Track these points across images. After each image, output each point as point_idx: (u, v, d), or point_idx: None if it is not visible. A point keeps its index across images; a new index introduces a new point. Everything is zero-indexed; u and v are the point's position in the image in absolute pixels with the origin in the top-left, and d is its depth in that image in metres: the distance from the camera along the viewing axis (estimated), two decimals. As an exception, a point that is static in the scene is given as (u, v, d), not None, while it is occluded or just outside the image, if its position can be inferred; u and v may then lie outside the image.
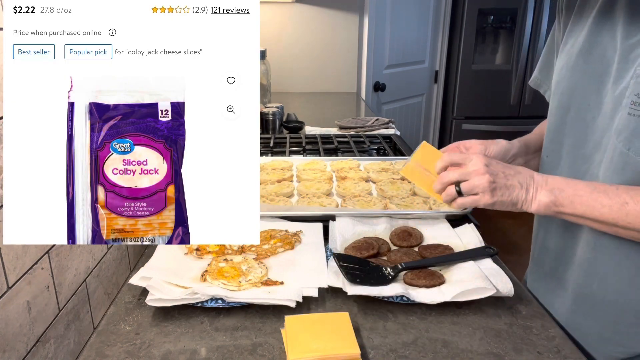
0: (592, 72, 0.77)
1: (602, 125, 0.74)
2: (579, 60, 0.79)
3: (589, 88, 0.77)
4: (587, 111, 0.77)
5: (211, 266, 0.83)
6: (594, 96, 0.76)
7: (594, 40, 0.77)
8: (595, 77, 0.76)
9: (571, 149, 0.81)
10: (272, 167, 1.33)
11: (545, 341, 0.71)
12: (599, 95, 0.75)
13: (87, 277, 0.73)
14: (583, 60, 0.78)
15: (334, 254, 0.84)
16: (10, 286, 0.55)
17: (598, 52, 0.76)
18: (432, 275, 0.81)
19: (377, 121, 1.91)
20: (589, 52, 0.77)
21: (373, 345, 0.70)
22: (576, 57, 0.79)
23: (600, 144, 0.75)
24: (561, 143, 0.83)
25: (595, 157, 0.76)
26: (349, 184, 1.22)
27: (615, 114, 0.71)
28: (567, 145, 0.81)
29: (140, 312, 0.77)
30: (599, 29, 0.76)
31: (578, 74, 0.79)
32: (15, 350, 0.56)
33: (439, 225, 1.01)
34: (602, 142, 0.74)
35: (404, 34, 3.08)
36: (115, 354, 0.68)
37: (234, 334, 0.72)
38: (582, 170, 0.78)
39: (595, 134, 0.76)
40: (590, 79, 0.77)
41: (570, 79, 0.80)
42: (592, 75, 0.76)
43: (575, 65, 0.80)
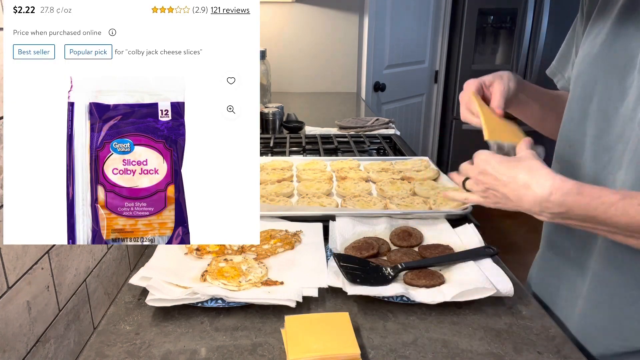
0: (615, 63, 0.76)
1: (625, 115, 0.74)
2: (603, 51, 0.78)
3: (612, 78, 0.76)
4: (609, 102, 0.76)
5: (211, 266, 0.83)
6: (616, 86, 0.75)
7: (618, 31, 0.76)
8: (619, 68, 0.75)
9: (594, 139, 0.79)
10: (272, 167, 1.33)
11: (545, 341, 0.71)
12: (622, 85, 0.74)
13: (87, 277, 0.73)
14: (606, 50, 0.77)
15: (334, 254, 0.84)
16: (10, 286, 0.55)
17: (622, 43, 0.75)
18: (432, 275, 0.81)
19: (377, 121, 1.92)
20: (612, 43, 0.77)
21: (373, 345, 0.70)
22: (599, 47, 0.79)
23: (622, 135, 0.74)
24: (584, 133, 0.81)
25: (617, 147, 0.75)
26: (349, 184, 1.22)
27: (639, 105, 0.71)
28: (590, 136, 0.80)
29: (140, 312, 0.77)
30: (624, 20, 0.75)
31: (601, 64, 0.78)
32: (15, 350, 0.56)
33: (439, 225, 1.01)
34: (625, 133, 0.73)
35: (404, 34, 3.08)
36: (115, 354, 0.68)
37: (234, 334, 0.72)
38: (604, 160, 0.77)
39: (617, 125, 0.75)
40: (613, 69, 0.76)
41: (593, 70, 0.80)
42: (615, 66, 0.76)
43: (598, 55, 0.79)
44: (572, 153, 0.85)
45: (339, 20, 2.79)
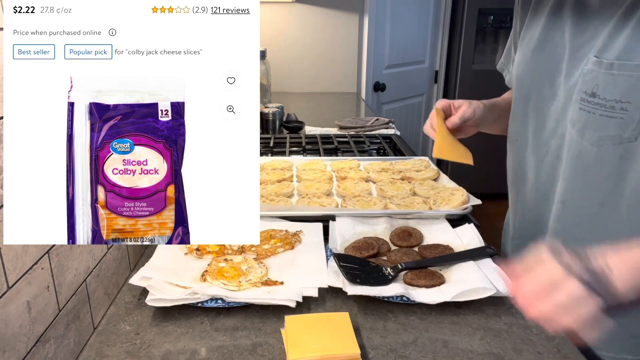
0: (545, 67, 0.86)
1: (556, 114, 0.83)
2: (534, 56, 0.89)
3: (543, 81, 0.86)
4: (543, 101, 0.87)
5: (211, 266, 0.83)
6: (547, 88, 0.85)
7: (546, 37, 0.86)
8: (548, 71, 0.85)
9: (533, 134, 0.90)
10: (272, 167, 1.32)
11: (545, 341, 0.71)
12: (552, 87, 0.84)
13: (87, 277, 0.73)
14: (537, 56, 0.88)
15: (334, 254, 0.84)
16: (10, 286, 0.55)
17: (549, 49, 0.85)
18: (432, 275, 0.81)
19: (377, 121, 1.92)
20: (541, 48, 0.87)
21: (373, 345, 0.70)
22: (531, 53, 0.89)
23: (555, 131, 0.84)
24: (526, 130, 0.92)
25: (552, 142, 0.85)
26: (349, 184, 1.22)
27: (568, 106, 0.80)
28: (530, 132, 0.91)
29: (140, 312, 0.77)
30: (550, 26, 0.85)
31: (533, 68, 0.89)
32: (15, 350, 0.56)
33: (439, 225, 1.01)
34: (558, 130, 0.83)
35: (404, 34, 3.08)
36: (115, 354, 0.68)
37: (234, 334, 0.72)
38: (543, 152, 0.88)
39: (550, 122, 0.85)
40: (544, 73, 0.86)
41: (527, 73, 0.90)
42: (546, 70, 0.86)
43: (530, 60, 0.90)
44: (518, 147, 0.95)
45: (339, 20, 2.79)
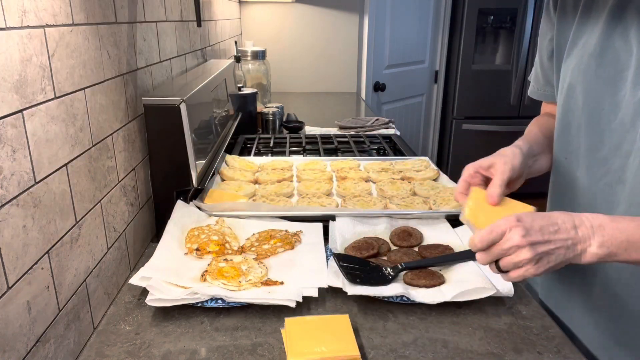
0: (606, 76, 0.75)
1: (621, 129, 0.73)
2: (592, 63, 0.77)
3: (604, 92, 0.76)
4: (601, 115, 0.76)
5: (211, 266, 0.83)
6: (608, 100, 0.75)
7: (606, 43, 0.75)
8: (610, 81, 0.75)
9: (587, 152, 0.79)
10: (272, 167, 1.33)
11: (545, 341, 0.71)
12: (614, 99, 0.74)
13: (87, 277, 0.73)
14: (596, 63, 0.77)
15: (334, 254, 0.84)
16: (10, 286, 0.55)
17: (611, 56, 0.75)
18: (432, 275, 0.81)
19: (377, 121, 1.92)
20: (601, 56, 0.76)
21: (373, 345, 0.70)
22: (588, 59, 0.78)
23: (620, 148, 0.74)
24: (578, 146, 0.81)
25: (614, 161, 0.75)
26: (349, 184, 1.22)
27: (638, 120, 0.70)
28: (583, 149, 0.80)
29: (140, 312, 0.77)
30: (611, 31, 0.75)
31: (591, 78, 0.78)
32: (15, 350, 0.56)
33: (439, 225, 1.01)
34: (623, 147, 0.73)
35: (404, 34, 3.08)
36: (115, 354, 0.68)
37: (234, 334, 0.72)
38: (600, 173, 0.77)
39: (612, 138, 0.75)
40: (605, 83, 0.75)
41: (583, 82, 0.79)
42: (607, 79, 0.75)
43: (587, 68, 0.78)
44: (568, 165, 0.84)
45: (339, 20, 2.79)
